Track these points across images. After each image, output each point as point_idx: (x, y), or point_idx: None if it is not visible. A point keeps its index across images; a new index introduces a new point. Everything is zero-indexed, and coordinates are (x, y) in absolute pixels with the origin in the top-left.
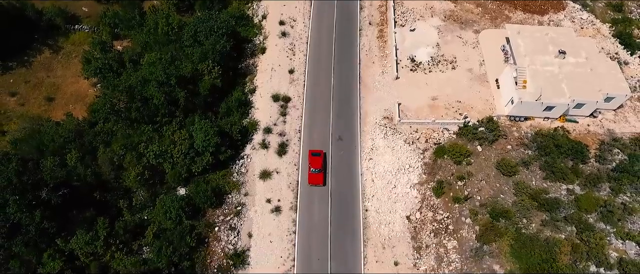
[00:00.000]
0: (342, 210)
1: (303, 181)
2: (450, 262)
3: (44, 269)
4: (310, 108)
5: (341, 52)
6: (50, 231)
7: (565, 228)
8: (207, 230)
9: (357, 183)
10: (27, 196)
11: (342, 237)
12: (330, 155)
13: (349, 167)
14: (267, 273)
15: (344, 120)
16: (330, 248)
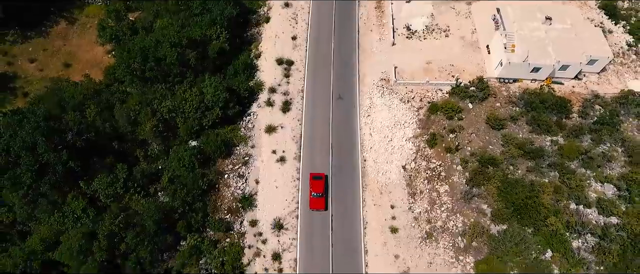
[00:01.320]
0: (342, 160)
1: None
2: (442, 204)
3: (68, 208)
4: (312, 70)
5: (341, 21)
6: (75, 170)
7: (548, 173)
8: (217, 177)
9: (356, 137)
10: (54, 138)
11: (343, 184)
12: (330, 115)
13: (348, 122)
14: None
15: (344, 81)
16: (331, 193)
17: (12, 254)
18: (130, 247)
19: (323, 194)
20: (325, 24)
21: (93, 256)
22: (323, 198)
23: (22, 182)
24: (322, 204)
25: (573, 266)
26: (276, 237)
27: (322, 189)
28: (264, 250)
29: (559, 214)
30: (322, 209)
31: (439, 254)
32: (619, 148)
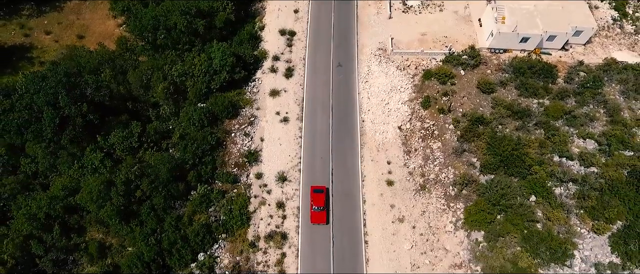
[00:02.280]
0: (341, 121)
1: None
2: (435, 159)
3: (87, 160)
4: (313, 40)
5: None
6: (94, 122)
7: (534, 131)
8: (225, 135)
9: (355, 100)
10: (74, 93)
11: (342, 141)
12: (331, 80)
13: (347, 87)
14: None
15: (343, 50)
16: (331, 149)
17: (37, 199)
18: (146, 194)
19: (324, 207)
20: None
21: (111, 201)
22: (324, 212)
23: (44, 135)
24: (323, 218)
25: (554, 209)
26: (280, 188)
27: (323, 202)
28: (269, 199)
29: (543, 165)
30: (324, 223)
31: (431, 203)
32: (601, 109)
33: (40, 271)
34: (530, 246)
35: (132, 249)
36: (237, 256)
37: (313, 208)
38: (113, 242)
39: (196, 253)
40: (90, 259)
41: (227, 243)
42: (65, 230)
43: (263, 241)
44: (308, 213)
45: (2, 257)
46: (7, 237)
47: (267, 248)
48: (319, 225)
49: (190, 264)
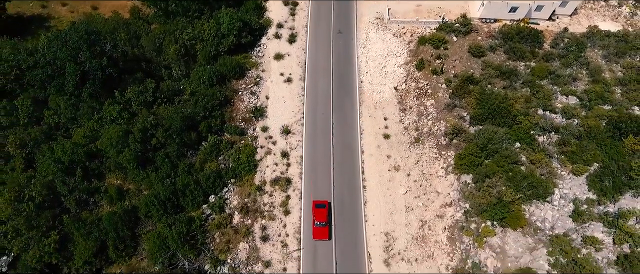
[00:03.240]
0: (341, 82)
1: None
2: (428, 114)
3: (105, 112)
4: (315, 9)
5: None
6: (113, 76)
7: (521, 90)
8: (233, 94)
9: (353, 63)
10: (94, 49)
11: (342, 99)
12: (331, 45)
13: (347, 52)
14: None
15: (343, 18)
16: (332, 106)
17: (61, 144)
18: (160, 142)
19: (326, 223)
20: None
21: (129, 147)
22: (327, 228)
23: (66, 89)
24: (325, 234)
25: (537, 153)
26: (284, 139)
27: (325, 217)
28: (274, 149)
29: (528, 116)
30: (326, 239)
31: (425, 153)
32: (583, 71)
33: (64, 208)
34: (514, 184)
35: (148, 192)
36: (245, 198)
37: (315, 223)
38: (130, 187)
39: (207, 195)
40: (109, 201)
41: (236, 187)
42: (86, 175)
43: (269, 185)
44: (310, 160)
45: (31, 194)
46: (35, 178)
47: (272, 191)
48: (321, 172)
49: (202, 205)
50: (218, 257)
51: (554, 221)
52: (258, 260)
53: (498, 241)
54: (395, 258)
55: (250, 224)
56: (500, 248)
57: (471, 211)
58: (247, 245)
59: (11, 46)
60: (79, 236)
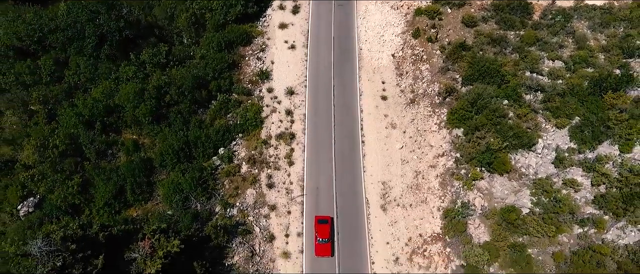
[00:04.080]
0: (342, 48)
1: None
2: (423, 78)
3: (122, 72)
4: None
5: None
6: (129, 37)
7: (510, 56)
8: (240, 59)
9: (353, 32)
10: (113, 12)
11: (342, 65)
12: (332, 16)
13: (347, 22)
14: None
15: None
16: (333, 70)
17: (82, 99)
18: (173, 99)
19: (329, 239)
20: None
21: (144, 102)
22: (329, 244)
23: (85, 51)
24: (327, 251)
25: (523, 108)
26: (289, 99)
27: (328, 234)
28: (279, 108)
29: (516, 77)
30: (328, 256)
31: (420, 112)
32: (569, 39)
33: (85, 157)
34: (501, 134)
35: (162, 144)
36: (252, 151)
37: (318, 239)
38: (145, 142)
39: (217, 147)
40: (126, 153)
41: (243, 140)
42: (104, 129)
43: (274, 139)
44: (313, 118)
45: (55, 142)
46: (57, 129)
47: (277, 144)
48: (323, 128)
49: (212, 157)
50: (227, 201)
51: (537, 167)
52: (264, 204)
53: (485, 184)
54: (392, 204)
55: (257, 173)
56: (487, 190)
57: (461, 159)
58: (254, 191)
59: (34, 12)
60: (100, 180)
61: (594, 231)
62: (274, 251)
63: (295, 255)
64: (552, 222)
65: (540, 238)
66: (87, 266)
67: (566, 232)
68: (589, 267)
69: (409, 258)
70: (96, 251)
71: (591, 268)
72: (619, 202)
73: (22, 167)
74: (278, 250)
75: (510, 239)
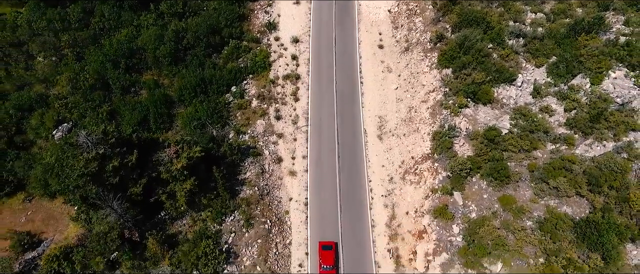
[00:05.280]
0: (342, 5)
1: None
2: (416, 29)
3: (142, 21)
4: None
5: None
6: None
7: (496, 9)
8: (249, 12)
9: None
10: None
11: (343, 18)
12: None
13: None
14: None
15: None
16: (334, 22)
17: (109, 40)
18: (190, 43)
19: (333, 266)
20: None
21: (164, 44)
22: (333, 271)
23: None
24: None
25: (505, 50)
26: (294, 46)
27: (333, 261)
28: (285, 54)
29: (501, 24)
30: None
31: (413, 57)
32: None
33: (112, 92)
34: (485, 70)
35: (180, 81)
36: (261, 89)
37: (322, 266)
38: (164, 82)
39: (230, 86)
40: (148, 89)
41: (253, 80)
42: (128, 69)
43: (281, 79)
44: (316, 62)
45: (85, 76)
46: (87, 67)
47: (284, 84)
48: (325, 69)
49: (225, 94)
50: (240, 129)
51: (517, 98)
52: (273, 133)
53: (470, 112)
54: (387, 134)
55: (266, 107)
56: (472, 117)
57: (449, 92)
58: (264, 122)
59: None
60: (125, 110)
61: (564, 147)
62: (282, 170)
63: (300, 174)
64: (528, 139)
65: (517, 153)
66: (123, 159)
67: (540, 148)
68: (558, 171)
69: (402, 177)
70: (130, 150)
71: (560, 172)
72: (587, 122)
73: (56, 98)
74: (285, 170)
75: (491, 156)
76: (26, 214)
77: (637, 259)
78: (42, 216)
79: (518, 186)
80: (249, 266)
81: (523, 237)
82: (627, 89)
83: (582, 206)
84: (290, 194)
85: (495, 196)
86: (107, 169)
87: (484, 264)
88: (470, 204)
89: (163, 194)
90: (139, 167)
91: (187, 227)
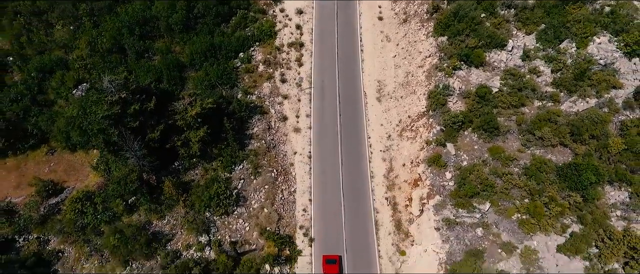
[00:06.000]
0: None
1: None
2: (414, 2)
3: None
4: None
5: None
6: None
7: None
8: None
9: None
10: None
11: None
12: None
13: None
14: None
15: None
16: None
17: (125, 7)
18: (200, 12)
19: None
20: None
21: (177, 12)
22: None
23: None
24: None
25: (497, 19)
26: (298, 17)
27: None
28: (290, 23)
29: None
30: None
31: (411, 28)
32: None
33: (127, 55)
34: (477, 36)
35: (191, 47)
36: (267, 55)
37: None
38: (176, 49)
39: (238, 52)
40: (161, 54)
41: (260, 48)
42: (142, 36)
43: (286, 46)
44: (319, 31)
45: (103, 40)
46: (104, 32)
47: (289, 51)
48: (327, 38)
49: (233, 59)
50: (247, 90)
51: (507, 61)
52: (278, 94)
53: (463, 73)
54: (386, 97)
55: (271, 71)
56: (465, 78)
57: (444, 57)
58: (270, 84)
59: None
60: (141, 72)
61: (550, 104)
62: (287, 127)
63: (304, 130)
64: (516, 96)
65: (506, 109)
66: (142, 105)
67: (528, 105)
68: (543, 123)
69: (399, 134)
70: (149, 97)
71: (545, 123)
72: (572, 81)
73: (75, 60)
74: (290, 127)
75: (482, 111)
76: (49, 166)
77: (614, 199)
78: (64, 167)
79: (506, 138)
80: (257, 208)
81: (510, 180)
82: (611, 52)
83: (566, 155)
84: (295, 148)
85: (485, 147)
86: (129, 112)
87: (473, 204)
88: (462, 154)
89: (178, 141)
90: (157, 115)
91: (199, 176)
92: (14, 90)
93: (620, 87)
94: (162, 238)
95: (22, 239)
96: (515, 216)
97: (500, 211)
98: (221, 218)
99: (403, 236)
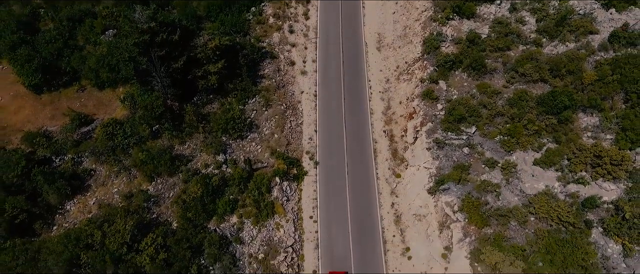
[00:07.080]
0: None
1: None
2: None
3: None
4: None
5: None
6: None
7: None
8: None
9: None
10: None
11: None
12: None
13: None
14: None
15: None
16: None
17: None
18: None
19: None
20: None
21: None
22: None
23: None
24: None
25: None
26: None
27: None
28: None
29: None
30: None
31: None
32: None
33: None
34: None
35: None
36: (276, 10)
37: None
38: (193, 3)
39: (249, 7)
40: (179, 8)
41: (270, 3)
42: None
43: (294, 2)
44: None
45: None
46: None
47: (296, 6)
48: None
49: (246, 12)
50: (259, 38)
51: (496, 13)
52: (287, 43)
53: (456, 23)
54: (385, 47)
55: (281, 24)
56: (457, 27)
57: (438, 9)
58: (279, 34)
59: None
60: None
61: (534, 48)
62: (295, 71)
63: (310, 73)
64: (503, 40)
65: (494, 52)
66: (169, 36)
67: (513, 49)
68: (526, 61)
69: (397, 78)
70: (174, 30)
71: (528, 61)
72: (553, 27)
73: (103, 9)
74: (298, 70)
75: (471, 54)
76: (80, 101)
77: (586, 124)
78: (94, 102)
79: (493, 77)
80: (268, 134)
81: (494, 108)
82: (590, 4)
83: (545, 89)
84: (302, 88)
85: (473, 84)
86: (157, 40)
87: (461, 128)
88: (453, 90)
89: (199, 72)
90: (180, 47)
91: (216, 109)
92: (48, 34)
93: (597, 32)
94: (183, 159)
95: (58, 159)
96: (497, 137)
97: (484, 134)
98: (236, 141)
99: (399, 161)
